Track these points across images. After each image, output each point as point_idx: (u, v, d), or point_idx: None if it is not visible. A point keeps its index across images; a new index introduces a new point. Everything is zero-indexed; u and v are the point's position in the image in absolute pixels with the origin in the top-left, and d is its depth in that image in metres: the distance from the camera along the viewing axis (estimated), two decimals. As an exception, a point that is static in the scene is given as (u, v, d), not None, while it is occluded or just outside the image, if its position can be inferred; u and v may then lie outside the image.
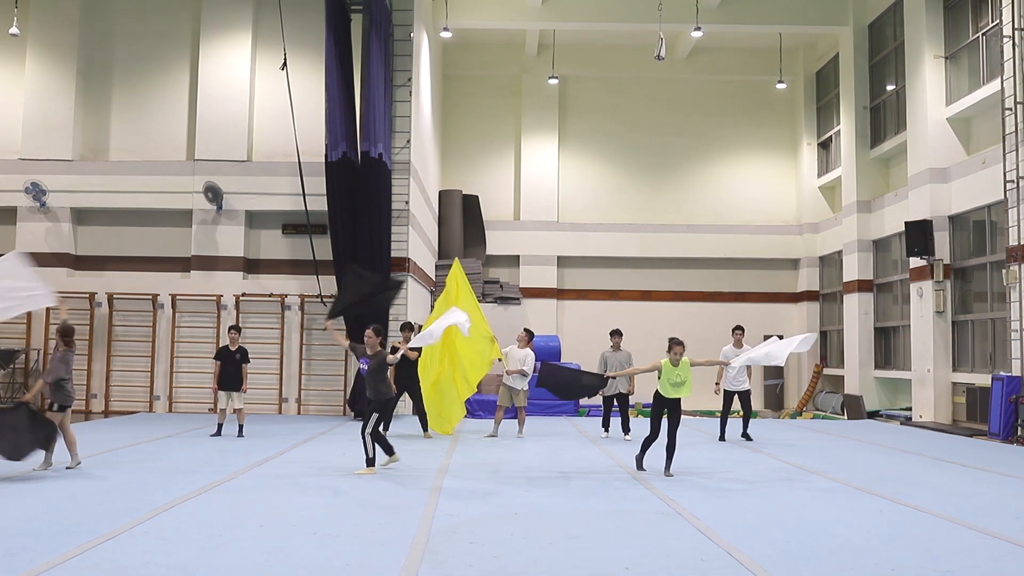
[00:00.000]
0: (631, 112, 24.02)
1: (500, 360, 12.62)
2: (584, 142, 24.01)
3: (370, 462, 9.07)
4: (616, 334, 13.19)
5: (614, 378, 10.66)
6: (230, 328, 13.01)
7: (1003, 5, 15.02)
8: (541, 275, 23.30)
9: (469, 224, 22.66)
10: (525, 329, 13.54)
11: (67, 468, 8.93)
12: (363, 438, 9.10)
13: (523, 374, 12.81)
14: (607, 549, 5.85)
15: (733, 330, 12.76)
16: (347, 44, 16.34)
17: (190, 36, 18.05)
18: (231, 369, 12.31)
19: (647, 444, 9.47)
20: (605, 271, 23.67)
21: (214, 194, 17.13)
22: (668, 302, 23.57)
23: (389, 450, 9.30)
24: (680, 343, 9.15)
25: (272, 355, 16.76)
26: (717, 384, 12.63)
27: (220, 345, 14.13)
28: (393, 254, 16.27)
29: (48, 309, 17.20)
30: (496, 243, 23.12)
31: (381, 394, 9.18)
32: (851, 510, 7.38)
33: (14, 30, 16.60)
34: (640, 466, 9.44)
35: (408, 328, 13.25)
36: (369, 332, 9.26)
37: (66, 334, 9.11)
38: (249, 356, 12.62)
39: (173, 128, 17.90)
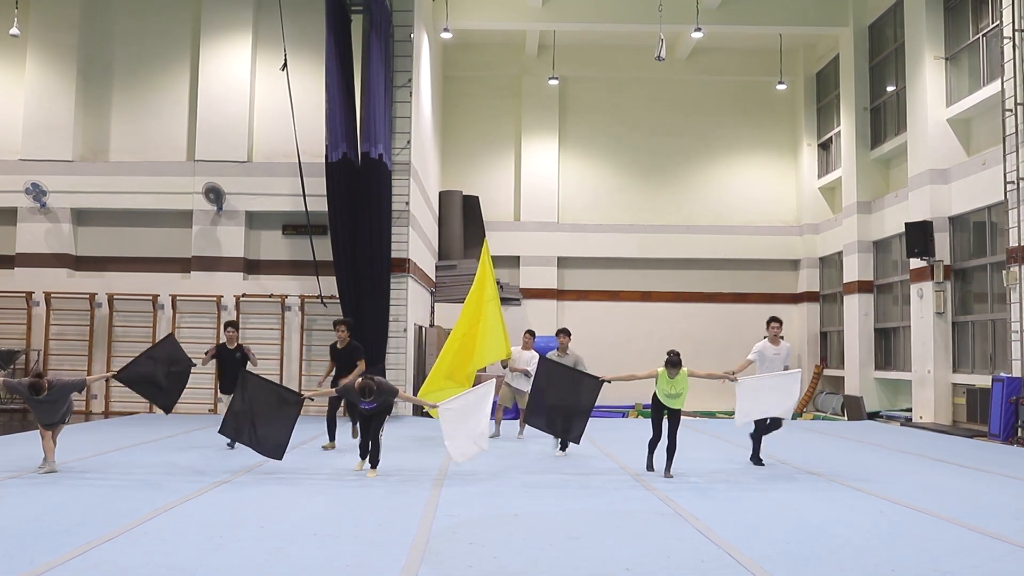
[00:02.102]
0: (631, 113, 24.03)
1: (506, 360, 12.58)
2: (584, 143, 24.01)
3: (375, 463, 9.12)
4: (563, 333, 12.04)
5: (609, 382, 10.18)
6: (227, 325, 11.96)
7: (1003, 6, 15.02)
8: (541, 276, 23.31)
9: (469, 225, 22.65)
10: (528, 331, 13.18)
11: (39, 470, 8.84)
12: (377, 442, 9.15)
13: (527, 374, 12.32)
14: (607, 550, 5.84)
15: (769, 322, 10.18)
16: (347, 45, 16.35)
17: (190, 36, 18.06)
18: (232, 372, 11.18)
19: (652, 446, 9.50)
20: (605, 272, 23.67)
21: (216, 195, 17.15)
22: (668, 303, 23.57)
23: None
24: (676, 364, 9.07)
25: (272, 356, 16.76)
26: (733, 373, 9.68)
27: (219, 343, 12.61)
28: (393, 255, 16.28)
29: (48, 311, 17.24)
30: (496, 244, 23.05)
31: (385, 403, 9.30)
32: (851, 510, 7.38)
33: (14, 31, 16.61)
34: (650, 467, 9.45)
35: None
36: (366, 382, 8.88)
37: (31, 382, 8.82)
38: (252, 355, 11.63)
39: (173, 129, 17.91)
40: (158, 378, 9.95)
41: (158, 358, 10.12)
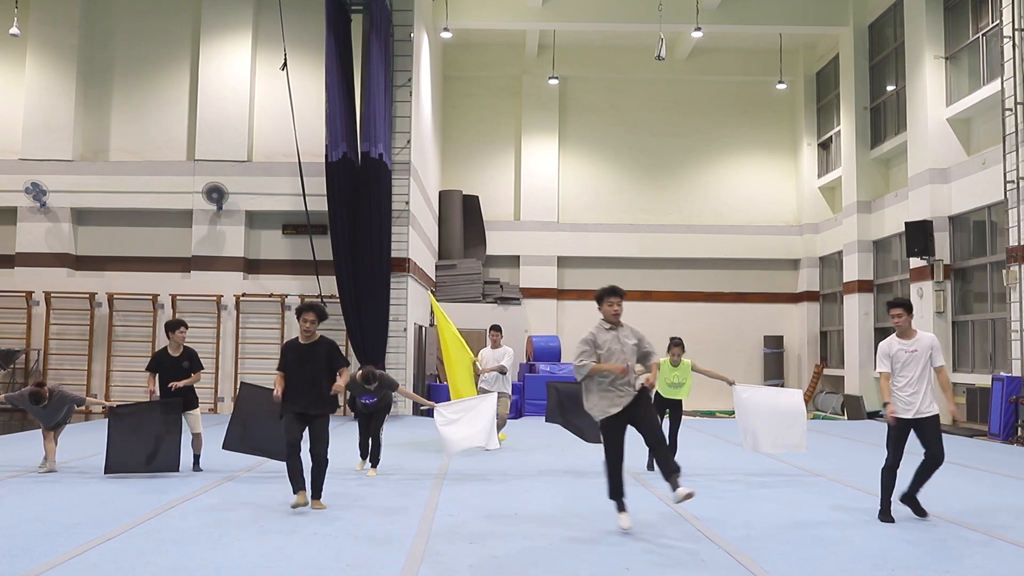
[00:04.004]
0: (631, 113, 24.03)
1: (475, 362, 12.09)
2: (584, 142, 24.02)
3: (376, 462, 9.14)
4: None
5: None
6: (173, 325, 9.11)
7: (1003, 5, 15.02)
8: (541, 275, 23.31)
9: (469, 224, 22.67)
10: (494, 326, 11.92)
11: (39, 470, 8.85)
12: (378, 440, 9.17)
13: (501, 371, 11.33)
14: (607, 549, 5.85)
15: (892, 306, 7.31)
16: (347, 44, 16.36)
17: (190, 36, 18.06)
18: (177, 382, 8.91)
19: None
20: (605, 271, 23.61)
21: (219, 195, 17.16)
22: (669, 302, 23.57)
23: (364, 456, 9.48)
24: (679, 344, 9.17)
25: (272, 356, 16.72)
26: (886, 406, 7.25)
27: (160, 348, 9.40)
28: (393, 254, 16.28)
29: (48, 310, 17.23)
30: (496, 243, 23.13)
31: (385, 400, 9.33)
32: (851, 510, 7.38)
33: (14, 30, 16.61)
34: (651, 466, 9.45)
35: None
36: (368, 369, 8.95)
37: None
38: (200, 360, 9.28)
39: (173, 128, 17.92)
40: (140, 440, 8.66)
41: (152, 417, 8.76)
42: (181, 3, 18.12)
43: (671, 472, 6.15)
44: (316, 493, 7.16)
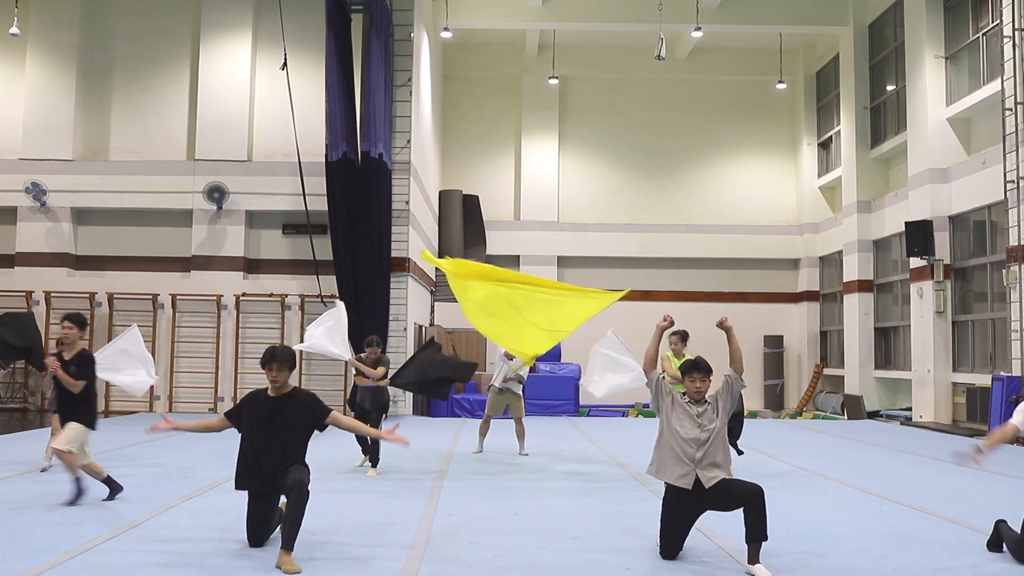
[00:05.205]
0: (631, 112, 24.04)
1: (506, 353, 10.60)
2: (584, 142, 24.02)
3: (375, 461, 9.15)
4: None
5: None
6: (66, 318, 7.53)
7: (1003, 5, 15.03)
8: (541, 275, 23.21)
9: (469, 224, 22.67)
10: None
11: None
12: (378, 440, 9.18)
13: (520, 380, 11.04)
14: (607, 549, 5.85)
15: None
16: (347, 44, 16.36)
17: (190, 36, 18.05)
18: (62, 388, 7.33)
19: None
20: (605, 271, 23.66)
21: (220, 194, 17.16)
22: (669, 302, 23.49)
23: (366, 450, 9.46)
24: (676, 333, 9.14)
25: (272, 355, 16.72)
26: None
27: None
28: (393, 254, 16.28)
29: (48, 310, 17.23)
30: (496, 243, 23.13)
31: (383, 398, 9.47)
32: (851, 510, 7.38)
33: (14, 30, 16.60)
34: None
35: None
36: (373, 349, 9.38)
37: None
38: (94, 366, 7.51)
39: (173, 128, 17.91)
40: None
41: None
42: (181, 3, 18.12)
43: (756, 539, 5.29)
44: (285, 542, 5.26)
